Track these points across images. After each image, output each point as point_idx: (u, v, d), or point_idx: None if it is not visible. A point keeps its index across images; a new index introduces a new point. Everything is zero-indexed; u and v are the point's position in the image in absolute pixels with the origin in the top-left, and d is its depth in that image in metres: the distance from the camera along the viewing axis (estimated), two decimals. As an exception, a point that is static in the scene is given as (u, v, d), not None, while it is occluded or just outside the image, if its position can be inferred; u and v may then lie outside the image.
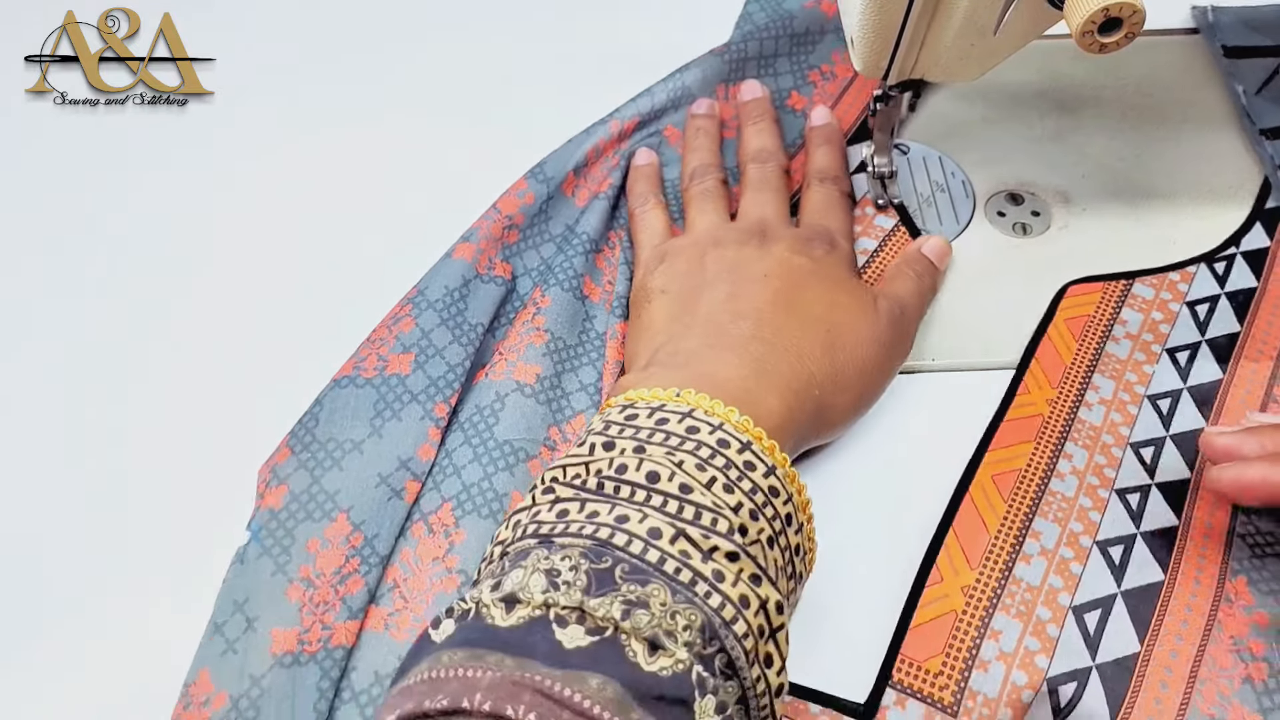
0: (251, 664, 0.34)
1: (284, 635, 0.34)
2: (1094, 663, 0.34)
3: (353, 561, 0.35)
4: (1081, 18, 0.33)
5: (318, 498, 0.37)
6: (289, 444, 0.38)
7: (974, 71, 0.40)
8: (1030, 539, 0.37)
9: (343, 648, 0.34)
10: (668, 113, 0.50)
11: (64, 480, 0.40)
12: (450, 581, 0.36)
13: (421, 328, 0.41)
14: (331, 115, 0.52)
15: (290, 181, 0.49)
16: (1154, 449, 0.39)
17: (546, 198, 0.46)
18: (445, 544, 0.36)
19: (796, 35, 0.52)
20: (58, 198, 0.49)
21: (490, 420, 0.39)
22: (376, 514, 0.37)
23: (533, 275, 0.44)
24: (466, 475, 0.38)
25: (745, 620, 0.28)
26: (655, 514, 0.29)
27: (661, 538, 0.28)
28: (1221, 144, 0.49)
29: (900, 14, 0.37)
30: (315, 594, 0.35)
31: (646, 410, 0.33)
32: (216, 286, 0.45)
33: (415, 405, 0.39)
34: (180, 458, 0.40)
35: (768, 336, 0.37)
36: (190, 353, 0.43)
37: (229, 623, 0.34)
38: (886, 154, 0.46)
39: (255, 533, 0.36)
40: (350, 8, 0.56)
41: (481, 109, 0.52)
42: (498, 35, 0.55)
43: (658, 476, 0.30)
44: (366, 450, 0.38)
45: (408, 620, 0.35)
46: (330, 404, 0.39)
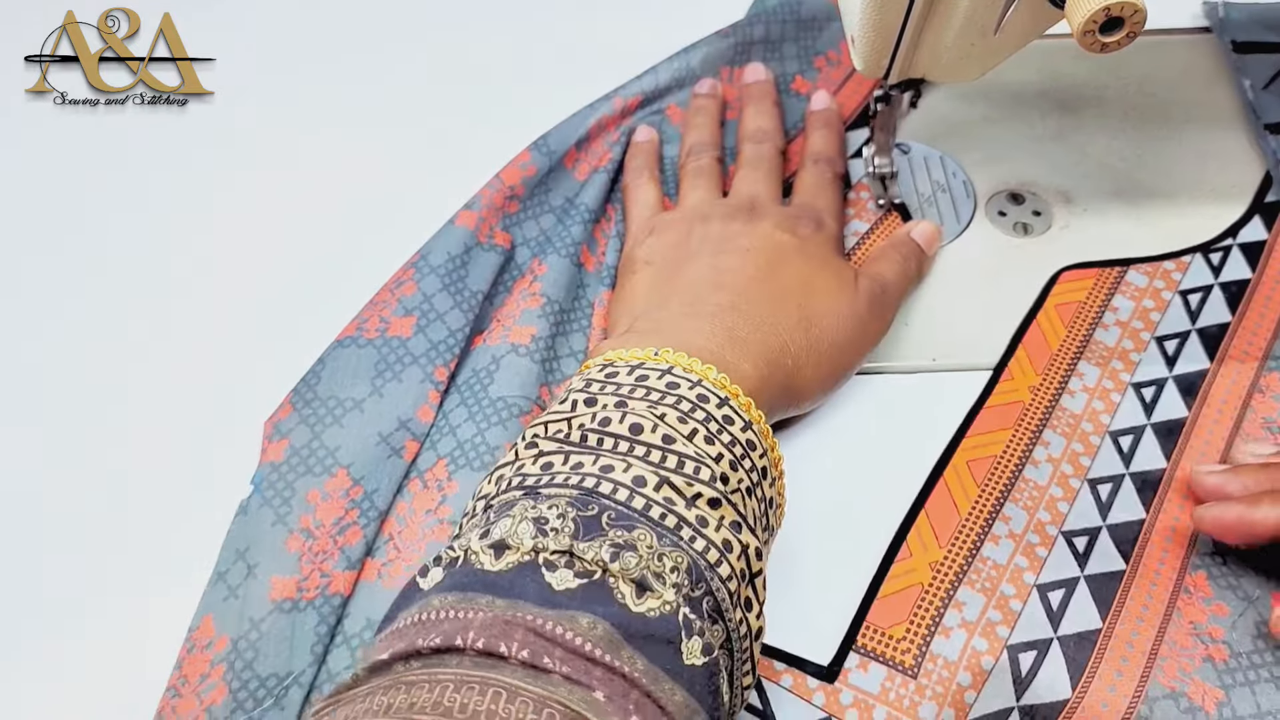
0: (251, 608, 0.35)
1: (283, 583, 0.35)
2: (1055, 634, 0.35)
3: (352, 513, 0.36)
4: (1083, 17, 0.33)
5: (318, 453, 0.38)
6: (291, 400, 0.39)
7: (975, 71, 0.40)
8: (1000, 521, 0.38)
9: (340, 595, 0.35)
10: (671, 91, 0.50)
11: (73, 461, 0.40)
12: (442, 530, 0.37)
13: (424, 292, 0.41)
14: (331, 115, 0.52)
15: (290, 181, 0.49)
16: (1133, 438, 0.40)
17: (548, 170, 0.46)
18: (438, 495, 0.37)
19: (804, 21, 0.52)
20: (58, 198, 0.49)
21: (486, 381, 0.40)
22: (376, 470, 0.37)
23: (531, 245, 0.45)
24: (461, 433, 0.39)
25: (729, 563, 0.29)
26: (639, 463, 0.30)
27: (646, 485, 0.29)
28: (1224, 144, 0.49)
29: (901, 14, 0.37)
30: (315, 544, 0.36)
31: (626, 368, 0.33)
32: (216, 286, 0.45)
33: (415, 368, 0.40)
34: (187, 437, 0.41)
35: (743, 307, 0.37)
36: (190, 351, 0.43)
37: (231, 570, 0.36)
38: (887, 154, 0.46)
39: (257, 485, 0.37)
40: (350, 8, 0.56)
41: (482, 108, 0.52)
42: (497, 34, 0.55)
43: (641, 428, 0.30)
44: (367, 409, 0.39)
45: (400, 569, 0.36)
46: (332, 363, 0.40)
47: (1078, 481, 0.39)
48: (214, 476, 0.39)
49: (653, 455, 0.30)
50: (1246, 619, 0.35)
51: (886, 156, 0.46)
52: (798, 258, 0.40)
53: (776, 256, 0.40)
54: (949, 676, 0.34)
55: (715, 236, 0.41)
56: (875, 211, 0.46)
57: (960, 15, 0.37)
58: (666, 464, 0.30)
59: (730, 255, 0.40)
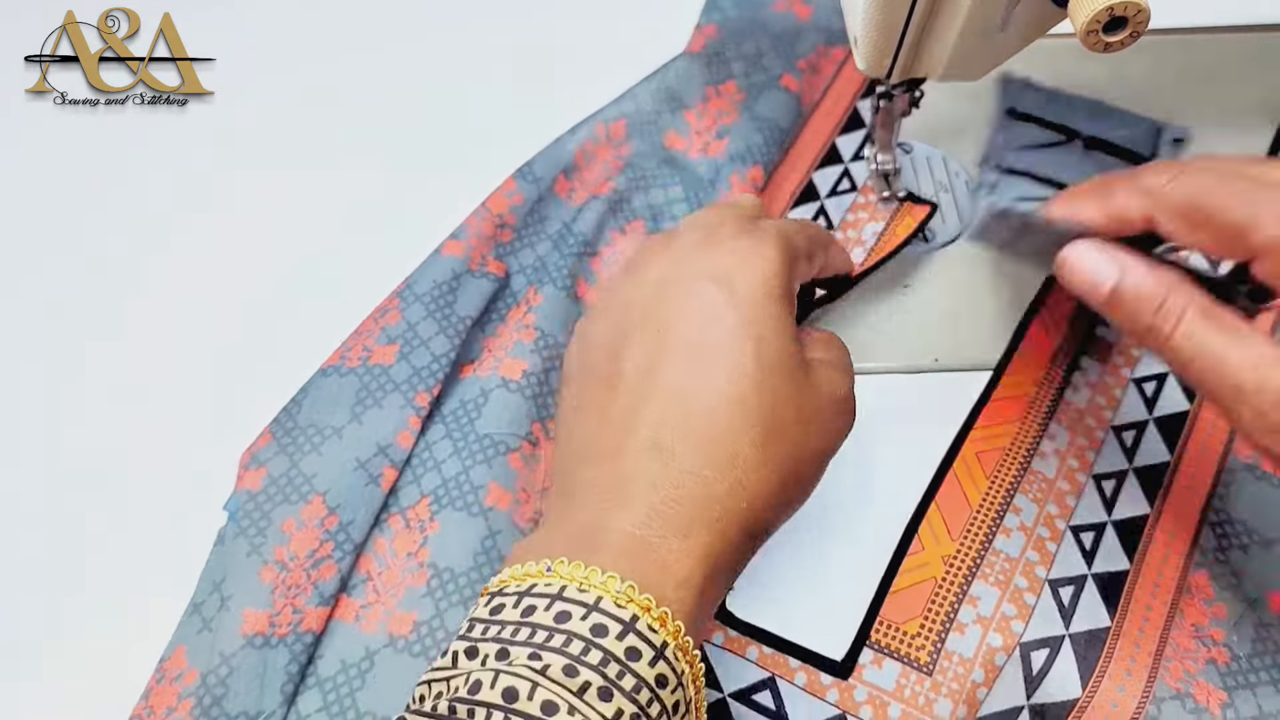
0: (222, 642, 0.34)
1: (255, 616, 0.34)
2: (1067, 631, 0.35)
3: (326, 545, 0.36)
4: (1086, 16, 0.33)
5: (295, 480, 0.37)
6: (271, 429, 0.39)
7: (978, 71, 0.40)
8: (1011, 513, 0.38)
9: (311, 633, 0.34)
10: (662, 115, 0.49)
11: (65, 467, 0.40)
12: (420, 576, 0.36)
13: (408, 320, 0.41)
14: (331, 115, 0.52)
15: (290, 181, 0.49)
16: (1135, 432, 0.40)
17: (537, 198, 0.45)
18: (420, 537, 0.37)
19: (774, 34, 0.52)
20: (58, 198, 0.48)
21: (473, 414, 0.39)
22: (353, 498, 0.37)
23: (527, 273, 0.44)
24: (446, 469, 0.38)
25: None
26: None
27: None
28: (1226, 143, 0.49)
29: (904, 13, 0.37)
30: (288, 577, 0.35)
31: (514, 598, 0.26)
32: (216, 286, 0.45)
33: (397, 394, 0.39)
34: (173, 449, 0.41)
35: (668, 443, 0.28)
36: (189, 350, 0.43)
37: (206, 602, 0.35)
38: (890, 151, 0.46)
39: (232, 513, 0.37)
40: (350, 8, 0.56)
41: (484, 107, 0.52)
42: (498, 34, 0.55)
43: (515, 694, 0.24)
44: (346, 435, 0.38)
45: (378, 614, 0.35)
46: (314, 392, 0.39)
47: (1083, 476, 0.39)
48: (210, 493, 0.38)
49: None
50: (1245, 623, 0.35)
51: (889, 154, 0.46)
52: (729, 326, 0.29)
53: (699, 331, 0.30)
54: (964, 674, 0.34)
55: (624, 303, 0.32)
56: (885, 209, 0.46)
57: (963, 15, 0.37)
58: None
59: (641, 346, 0.30)
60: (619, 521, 0.27)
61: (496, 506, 0.37)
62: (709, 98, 0.50)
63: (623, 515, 0.27)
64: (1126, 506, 0.38)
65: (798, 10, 0.53)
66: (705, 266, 0.31)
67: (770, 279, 0.30)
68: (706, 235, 0.32)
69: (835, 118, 0.50)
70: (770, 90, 0.50)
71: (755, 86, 0.50)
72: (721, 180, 0.47)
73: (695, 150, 0.49)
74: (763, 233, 0.32)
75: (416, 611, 0.35)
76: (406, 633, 0.35)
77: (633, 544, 0.27)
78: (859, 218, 0.46)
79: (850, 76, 0.52)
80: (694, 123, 0.49)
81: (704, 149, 0.49)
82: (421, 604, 0.35)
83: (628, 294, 0.32)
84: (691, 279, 0.31)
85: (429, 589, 0.36)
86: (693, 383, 0.29)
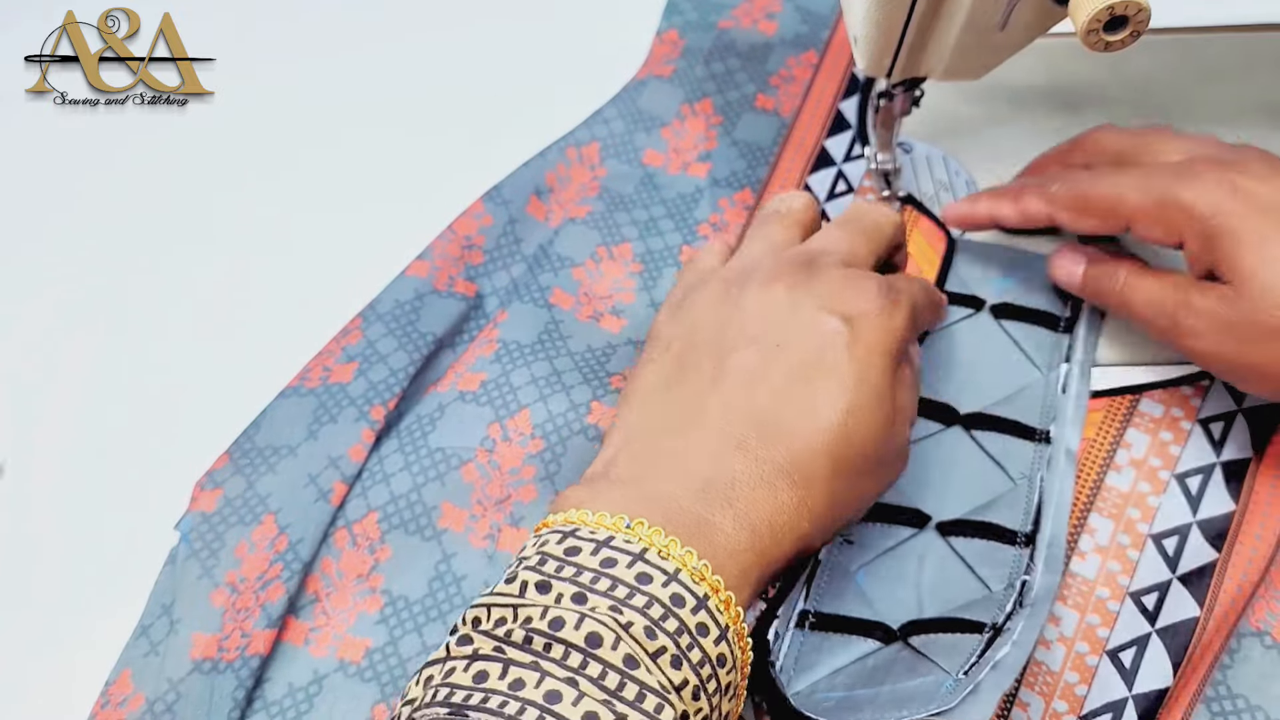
0: (171, 667, 0.33)
1: (205, 640, 0.34)
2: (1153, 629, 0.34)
3: (276, 567, 0.35)
4: (1086, 15, 0.33)
5: (250, 501, 0.36)
6: (229, 451, 0.38)
7: (978, 70, 0.40)
8: (1085, 535, 0.37)
9: (259, 656, 0.34)
10: (636, 135, 0.49)
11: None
12: (374, 602, 0.35)
13: (368, 338, 0.40)
14: (331, 115, 0.52)
15: (290, 181, 0.49)
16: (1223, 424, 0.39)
17: (509, 219, 0.45)
18: (370, 560, 0.36)
19: (743, 54, 0.52)
20: (58, 198, 0.48)
21: (427, 428, 0.38)
22: (302, 517, 0.36)
23: (500, 295, 0.43)
24: (395, 484, 0.37)
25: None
26: (593, 689, 0.25)
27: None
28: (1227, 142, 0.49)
29: (904, 12, 0.37)
30: (238, 599, 0.34)
31: (591, 545, 0.27)
32: (216, 285, 0.45)
33: (352, 408, 0.38)
34: (183, 439, 0.40)
35: (754, 446, 0.31)
36: (190, 351, 0.43)
37: (155, 625, 0.35)
38: (889, 150, 0.46)
39: (185, 534, 0.36)
40: (350, 8, 0.56)
41: (485, 106, 0.52)
42: (500, 34, 0.55)
43: (600, 640, 0.25)
44: (300, 453, 0.37)
45: (328, 637, 0.35)
46: (273, 413, 0.39)
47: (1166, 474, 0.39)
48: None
49: (609, 679, 0.25)
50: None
51: (889, 153, 0.46)
52: (841, 362, 0.32)
53: (813, 359, 0.32)
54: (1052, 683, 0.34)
55: (747, 314, 0.34)
56: None
57: (964, 14, 0.37)
58: (624, 694, 0.25)
59: (751, 353, 0.33)
60: (698, 504, 0.29)
61: (450, 529, 0.36)
62: (685, 115, 0.49)
63: (703, 500, 0.29)
64: (1212, 506, 0.37)
65: (763, 27, 0.53)
66: (840, 306, 0.33)
67: (893, 341, 0.33)
68: (847, 279, 0.34)
69: (820, 121, 0.50)
70: (747, 113, 0.50)
71: (732, 107, 0.50)
72: (707, 202, 0.47)
73: (675, 167, 0.48)
74: (900, 296, 0.34)
75: (370, 639, 0.35)
76: (358, 659, 0.34)
77: (708, 528, 0.29)
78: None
79: (828, 78, 0.51)
80: (671, 139, 0.49)
81: (684, 167, 0.48)
82: (375, 630, 0.35)
83: (754, 301, 0.34)
84: (823, 312, 0.33)
85: (382, 615, 0.35)
86: (795, 403, 0.31)
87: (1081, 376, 0.41)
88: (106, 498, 0.39)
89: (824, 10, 0.54)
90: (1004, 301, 0.43)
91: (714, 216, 0.46)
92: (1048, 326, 0.42)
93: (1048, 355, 0.42)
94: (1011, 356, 0.42)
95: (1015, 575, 0.36)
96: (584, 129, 0.48)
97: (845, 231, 0.37)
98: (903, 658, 0.34)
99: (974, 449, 0.39)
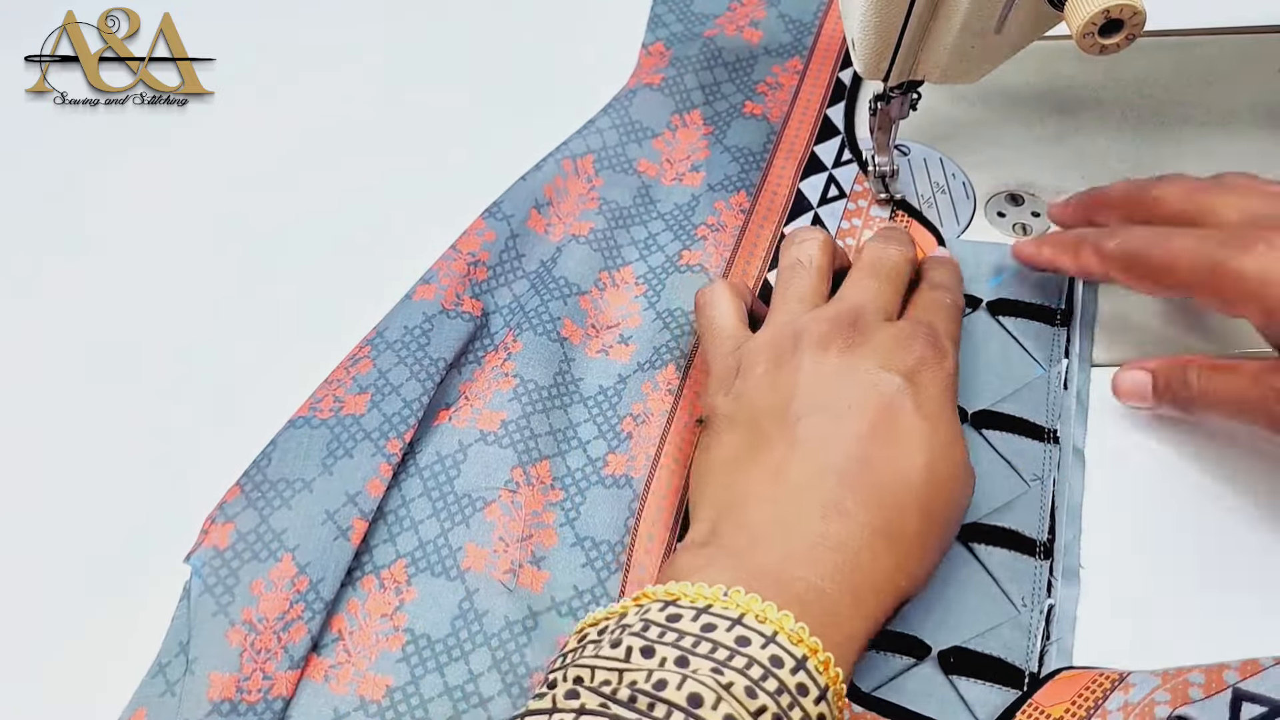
0: (187, 708, 0.33)
1: (223, 681, 0.33)
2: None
3: (297, 608, 0.35)
4: (1082, 19, 0.33)
5: (264, 537, 0.36)
6: (240, 483, 0.37)
7: (974, 73, 0.40)
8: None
9: (282, 699, 0.33)
10: (628, 146, 0.49)
11: (61, 464, 0.40)
12: (396, 640, 0.35)
13: (379, 368, 0.40)
14: (332, 115, 0.52)
15: (290, 181, 0.49)
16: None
17: (510, 234, 0.45)
18: (395, 600, 0.36)
19: (729, 64, 0.52)
20: (58, 198, 0.49)
21: (452, 472, 0.38)
22: (322, 556, 0.36)
23: (503, 313, 0.43)
24: (424, 531, 0.37)
25: None
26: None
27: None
28: (1221, 145, 0.49)
29: (901, 15, 0.37)
30: (257, 639, 0.34)
31: (691, 612, 0.28)
32: (216, 286, 0.45)
33: (368, 442, 0.38)
34: (182, 438, 0.40)
35: (851, 510, 0.31)
36: (190, 350, 0.43)
37: (172, 664, 0.34)
38: (887, 153, 0.46)
39: (197, 569, 0.35)
40: (351, 8, 0.56)
41: (485, 107, 0.52)
42: (501, 35, 0.55)
43: (700, 700, 0.26)
44: (316, 488, 0.37)
45: (348, 674, 0.34)
46: (284, 444, 0.38)
47: None
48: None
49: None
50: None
51: (886, 155, 0.46)
52: (913, 417, 0.33)
53: (888, 419, 0.33)
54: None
55: (806, 379, 0.34)
56: (881, 218, 0.46)
57: (960, 17, 0.37)
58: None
59: (828, 419, 0.33)
60: (804, 571, 0.30)
61: (473, 568, 0.36)
62: (675, 126, 0.50)
63: (809, 567, 0.30)
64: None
65: (747, 35, 0.53)
66: (896, 364, 0.35)
67: (951, 386, 0.35)
68: (898, 336, 0.36)
69: (808, 126, 0.50)
70: (736, 120, 0.50)
71: (721, 117, 0.50)
72: (704, 207, 0.47)
73: (669, 178, 0.48)
74: (942, 339, 0.36)
75: (392, 677, 0.34)
76: (379, 697, 0.34)
77: (814, 595, 0.30)
78: (853, 225, 0.46)
79: (814, 84, 0.52)
80: (663, 149, 0.49)
81: (678, 178, 0.48)
82: (397, 669, 0.35)
83: (811, 368, 0.35)
84: (882, 371, 0.34)
85: (404, 654, 0.35)
86: (880, 464, 0.32)
87: (1082, 370, 0.41)
88: (116, 524, 0.39)
89: (807, 17, 0.54)
90: (999, 298, 0.43)
91: (710, 219, 0.46)
92: (1045, 320, 0.43)
93: (1047, 350, 0.42)
94: (1012, 353, 0.42)
95: (1038, 590, 0.36)
96: (578, 139, 0.48)
97: (875, 281, 0.38)
98: (942, 694, 0.34)
99: (986, 449, 0.39)
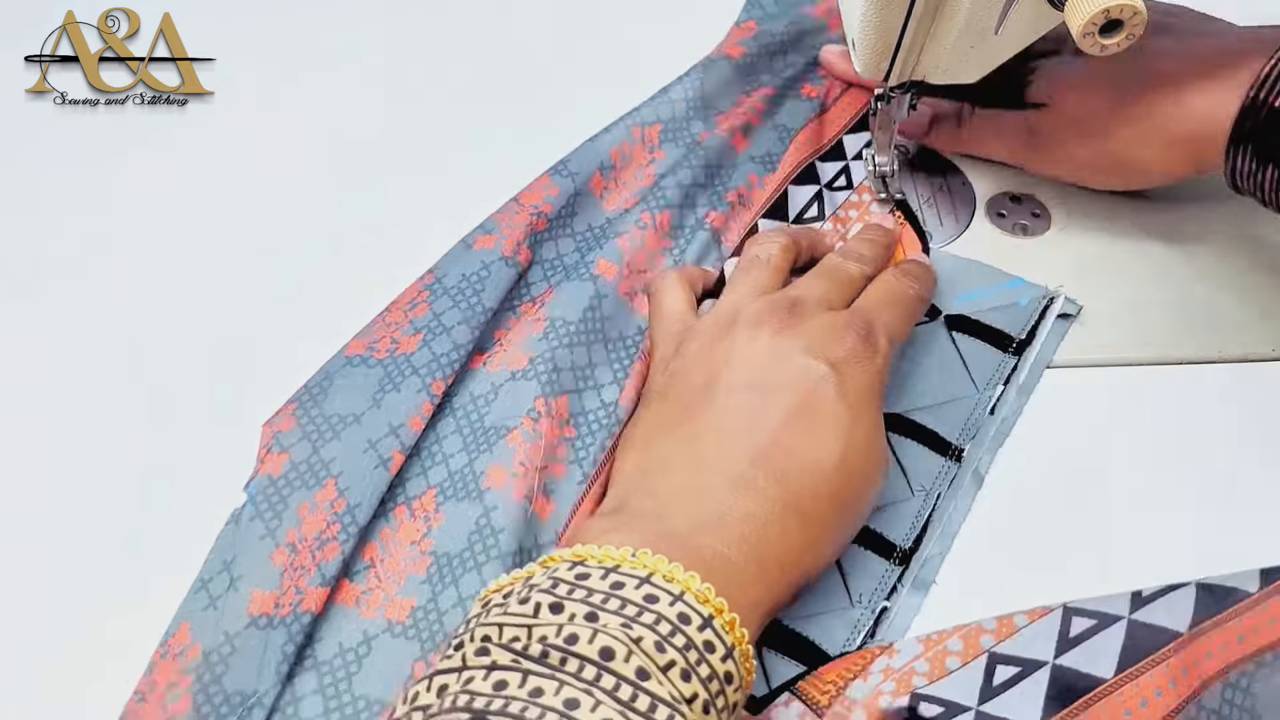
0: (228, 621, 0.34)
1: (263, 597, 0.35)
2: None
3: (333, 527, 0.36)
4: (1083, 19, 0.33)
5: (315, 467, 0.38)
6: (295, 413, 0.39)
7: (975, 73, 0.40)
8: None
9: (310, 613, 0.35)
10: (692, 120, 0.50)
11: (69, 460, 0.40)
12: (422, 564, 0.36)
13: (434, 311, 0.41)
14: (332, 115, 0.52)
15: (290, 181, 0.49)
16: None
17: (573, 193, 0.46)
18: (424, 528, 0.37)
19: (806, 45, 0.53)
20: (58, 198, 0.49)
21: (484, 410, 0.40)
22: (361, 481, 0.37)
23: (544, 267, 0.44)
24: (453, 464, 0.38)
25: None
26: (609, 700, 0.25)
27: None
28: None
29: (901, 15, 0.37)
30: (296, 559, 0.35)
31: (600, 571, 0.29)
32: (216, 286, 0.45)
33: (415, 377, 0.39)
34: (183, 439, 0.41)
35: (763, 486, 0.32)
36: (189, 350, 0.43)
37: (214, 580, 0.35)
38: (887, 153, 0.46)
39: (251, 496, 0.37)
40: (351, 8, 0.56)
41: (486, 108, 0.52)
42: (502, 35, 0.55)
43: (612, 654, 0.26)
44: (365, 420, 0.38)
45: (378, 599, 0.36)
46: (340, 380, 0.40)
47: None
48: (209, 481, 0.38)
49: (623, 691, 0.26)
50: None
51: (886, 155, 0.46)
52: (835, 405, 0.34)
53: (813, 404, 0.34)
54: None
55: (738, 359, 0.35)
56: (879, 212, 0.47)
57: (960, 17, 0.37)
58: (637, 705, 0.25)
59: (753, 397, 0.34)
60: (711, 538, 0.31)
61: (494, 487, 0.37)
62: (740, 103, 0.51)
63: (716, 534, 0.31)
64: None
65: (832, 23, 0.54)
66: (825, 352, 0.35)
67: (878, 382, 0.36)
68: (830, 326, 0.36)
69: (849, 114, 0.51)
70: (792, 99, 0.51)
71: (779, 94, 0.51)
72: (739, 174, 0.48)
73: (723, 130, 0.49)
74: (877, 337, 0.37)
75: (415, 598, 0.36)
76: (403, 618, 0.35)
77: (720, 561, 0.30)
78: (849, 215, 0.47)
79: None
80: (722, 123, 0.50)
81: (730, 133, 0.49)
82: (420, 590, 0.36)
83: (743, 345, 0.36)
84: (809, 357, 0.35)
85: (428, 575, 0.36)
86: (797, 446, 0.33)
87: (1016, 400, 0.41)
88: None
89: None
90: (960, 314, 0.43)
91: (742, 188, 0.47)
92: (998, 346, 0.42)
93: (989, 374, 0.41)
94: (953, 368, 0.42)
95: (880, 591, 0.36)
96: (649, 107, 0.49)
97: (826, 282, 0.40)
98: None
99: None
